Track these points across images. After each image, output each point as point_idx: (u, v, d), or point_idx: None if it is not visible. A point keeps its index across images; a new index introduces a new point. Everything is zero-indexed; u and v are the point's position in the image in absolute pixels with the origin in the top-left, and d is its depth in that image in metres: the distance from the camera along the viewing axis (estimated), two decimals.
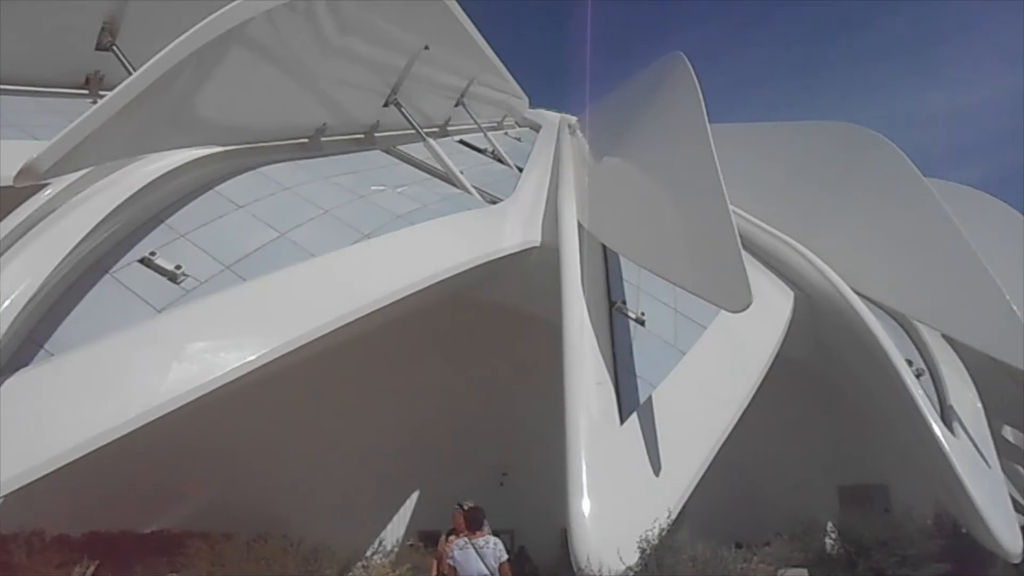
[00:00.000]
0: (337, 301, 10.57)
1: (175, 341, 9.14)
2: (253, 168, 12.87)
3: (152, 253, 10.07)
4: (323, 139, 15.40)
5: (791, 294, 18.31)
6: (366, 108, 16.64)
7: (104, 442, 7.80)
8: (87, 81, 14.22)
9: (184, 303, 9.64)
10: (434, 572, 7.87)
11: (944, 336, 19.34)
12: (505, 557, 6.77)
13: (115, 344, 8.80)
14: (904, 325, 19.28)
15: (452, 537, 7.68)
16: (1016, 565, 14.91)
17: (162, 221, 10.84)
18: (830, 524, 14.10)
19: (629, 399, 12.00)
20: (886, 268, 18.30)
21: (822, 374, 19.69)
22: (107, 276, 9.68)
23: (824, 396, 20.03)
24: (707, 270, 11.62)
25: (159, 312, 9.40)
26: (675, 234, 12.79)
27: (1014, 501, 19.95)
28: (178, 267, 9.96)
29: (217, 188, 11.98)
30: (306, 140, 15.20)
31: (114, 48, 13.42)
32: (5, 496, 7.70)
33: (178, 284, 9.86)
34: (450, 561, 6.81)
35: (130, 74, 9.81)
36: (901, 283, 18.08)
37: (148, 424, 8.21)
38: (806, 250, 19.14)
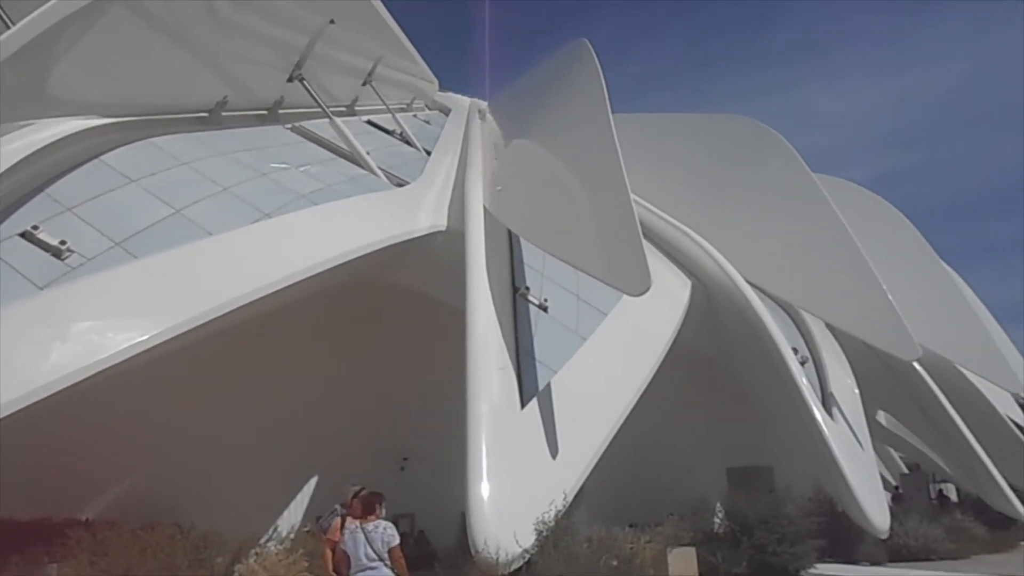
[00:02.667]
0: (233, 281, 10.26)
1: (58, 320, 8.66)
2: (147, 141, 12.30)
3: (35, 227, 9.51)
4: (224, 114, 14.83)
5: (688, 283, 18.97)
6: (269, 83, 16.13)
7: None
8: None
9: (69, 280, 9.16)
10: (328, 558, 7.81)
11: (827, 325, 20.50)
12: (396, 541, 6.73)
13: None
14: (791, 314, 20.32)
15: (348, 522, 7.63)
16: (884, 540, 16.06)
17: (47, 193, 10.25)
18: (718, 504, 14.73)
19: (530, 384, 12.18)
20: (775, 259, 19.23)
21: (715, 361, 20.52)
22: None
23: (717, 382, 20.90)
24: (608, 255, 11.89)
25: (41, 289, 8.91)
26: (577, 220, 13.02)
27: (884, 481, 21.42)
28: (63, 242, 9.45)
29: (108, 160, 11.41)
30: (206, 114, 14.62)
31: None
32: None
33: (62, 260, 9.36)
34: (342, 546, 6.77)
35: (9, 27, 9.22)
36: (789, 274, 19.05)
37: (28, 407, 7.78)
38: (703, 240, 19.85)
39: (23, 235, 9.41)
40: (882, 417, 26.38)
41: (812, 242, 18.78)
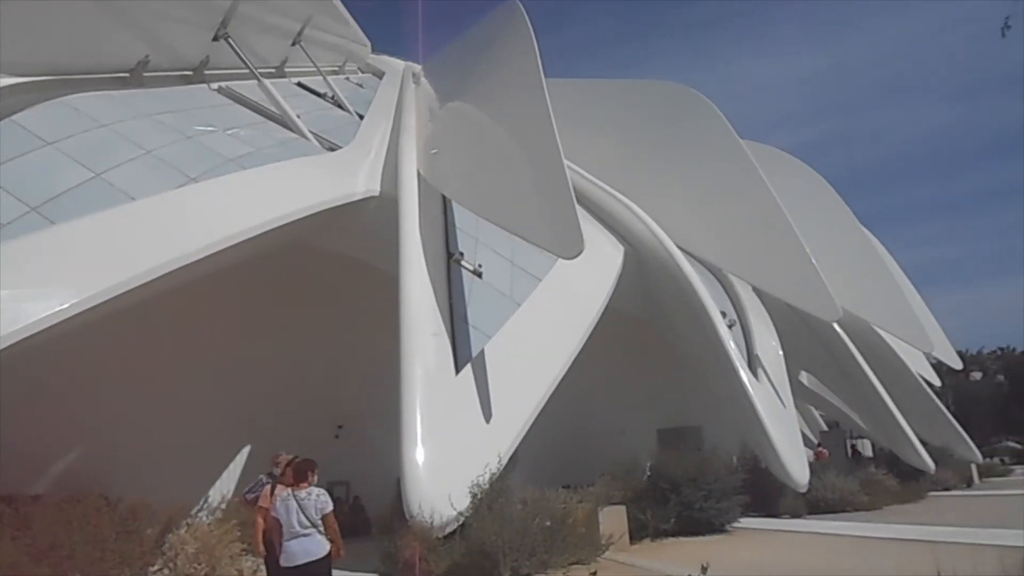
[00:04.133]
0: (159, 247, 9.96)
1: None
2: (63, 102, 11.75)
3: None
4: (146, 74, 14.25)
5: (621, 248, 19.24)
6: (193, 42, 15.53)
7: None
8: None
9: None
10: (259, 526, 7.77)
11: (754, 288, 21.15)
12: (329, 508, 6.74)
13: None
14: (720, 278, 20.87)
15: (278, 490, 7.59)
16: (804, 494, 16.84)
17: None
18: (648, 464, 15.17)
19: (465, 350, 12.26)
20: (704, 224, 19.68)
21: (647, 325, 20.96)
22: None
23: (648, 345, 21.41)
24: (541, 218, 11.96)
25: None
26: (511, 184, 13.04)
27: (805, 438, 22.36)
28: None
29: (21, 121, 10.86)
30: (126, 75, 14.02)
31: None
32: None
33: None
34: (274, 514, 6.74)
35: None
36: (717, 239, 19.53)
37: None
38: (635, 206, 20.12)
39: None
40: (804, 377, 27.47)
41: (739, 207, 19.26)
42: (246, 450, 16.48)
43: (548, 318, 14.31)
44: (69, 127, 11.24)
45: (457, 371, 11.85)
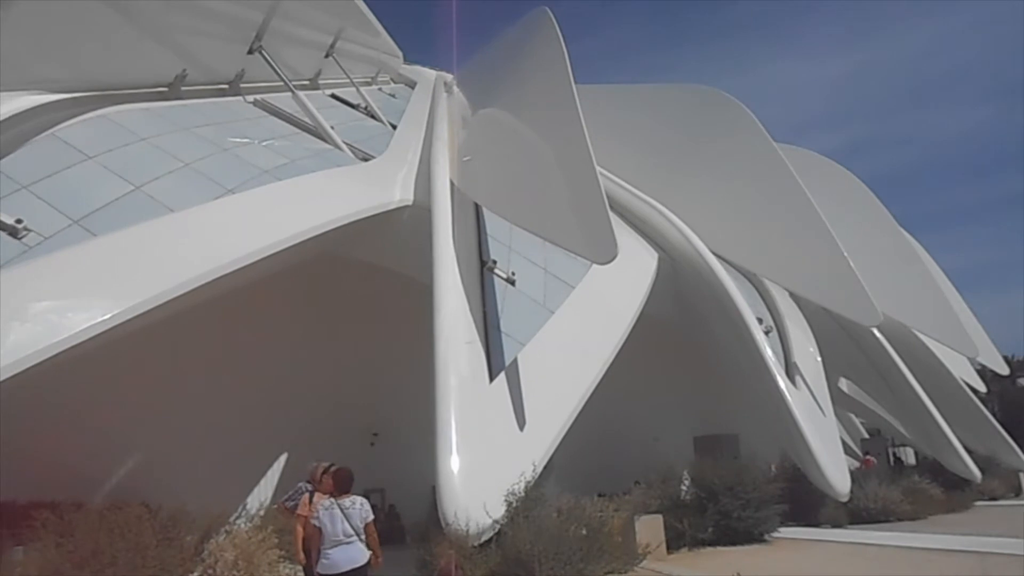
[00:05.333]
0: (197, 259, 10.12)
1: (16, 300, 8.47)
2: (104, 116, 12.02)
3: None
4: (184, 88, 14.53)
5: (655, 255, 19.11)
6: (229, 56, 15.79)
7: None
8: None
9: (26, 259, 8.97)
10: (299, 534, 7.83)
11: (790, 294, 20.85)
12: (371, 517, 6.82)
13: None
14: (756, 284, 20.61)
15: (316, 497, 7.64)
16: (845, 503, 16.51)
17: (0, 171, 9.98)
18: (685, 472, 14.99)
19: (498, 358, 12.25)
20: (739, 229, 19.44)
21: (682, 331, 20.78)
22: None
23: (683, 353, 21.20)
24: (574, 224, 11.95)
25: None
26: (543, 190, 13.04)
27: (845, 446, 21.95)
28: (19, 221, 9.21)
29: (64, 136, 11.13)
30: (165, 89, 14.30)
31: None
32: None
33: (19, 239, 9.14)
34: (315, 522, 6.78)
35: None
36: (752, 244, 19.27)
37: None
38: (669, 212, 19.99)
39: None
40: (843, 384, 26.99)
41: (775, 211, 18.99)
42: (283, 458, 16.63)
43: (582, 325, 14.25)
44: (109, 141, 11.48)
45: (491, 379, 11.83)
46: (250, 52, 15.86)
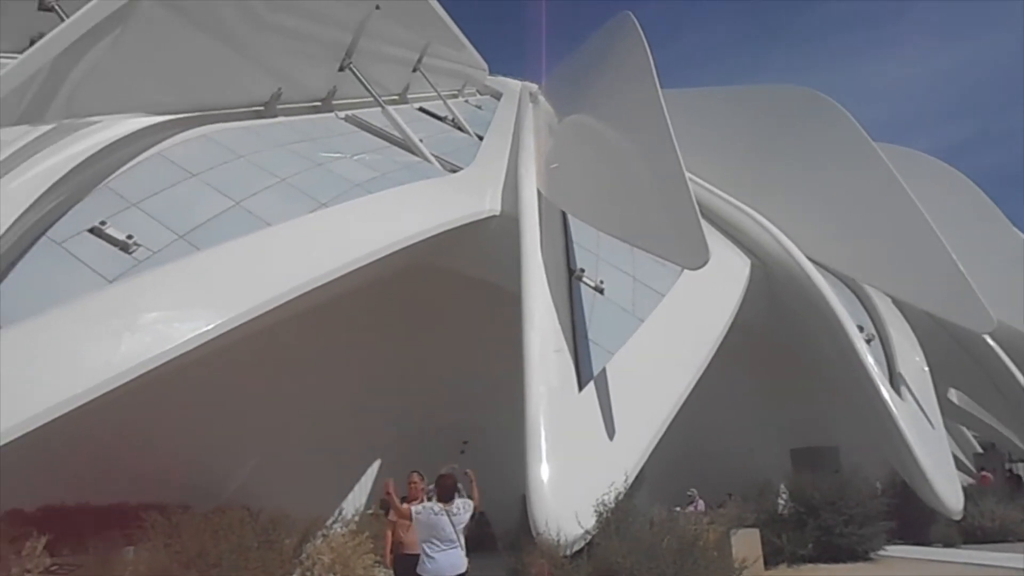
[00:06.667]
0: (294, 270, 10.46)
1: (127, 312, 8.95)
2: (206, 136, 12.60)
3: (102, 222, 9.82)
4: (279, 106, 15.10)
5: (747, 261, 18.59)
6: (320, 74, 16.34)
7: (55, 415, 7.66)
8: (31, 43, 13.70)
9: (136, 273, 9.45)
10: (389, 539, 7.94)
11: (894, 300, 19.87)
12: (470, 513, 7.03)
13: (65, 316, 8.60)
14: (856, 290, 19.75)
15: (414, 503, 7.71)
16: (958, 521, 15.57)
17: (111, 189, 10.59)
18: (782, 486, 14.48)
19: (587, 367, 12.14)
20: (837, 233, 18.65)
21: (777, 340, 20.10)
22: (55, 246, 9.44)
23: (778, 361, 20.47)
24: (664, 228, 11.77)
25: (110, 282, 9.21)
26: (631, 196, 12.90)
27: (957, 460, 20.74)
28: (129, 237, 9.75)
29: (169, 156, 11.72)
30: (261, 108, 14.89)
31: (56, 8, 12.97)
32: None
33: (130, 254, 9.65)
34: (420, 518, 6.90)
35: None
36: (851, 248, 18.46)
37: (102, 396, 8.08)
38: (761, 217, 19.42)
39: (92, 231, 9.73)
40: (954, 395, 25.53)
41: (876, 214, 18.10)
42: (376, 464, 16.96)
43: (673, 334, 13.98)
44: (211, 159, 12.03)
45: (580, 388, 11.74)
46: (341, 70, 16.39)
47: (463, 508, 6.92)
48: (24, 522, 9.00)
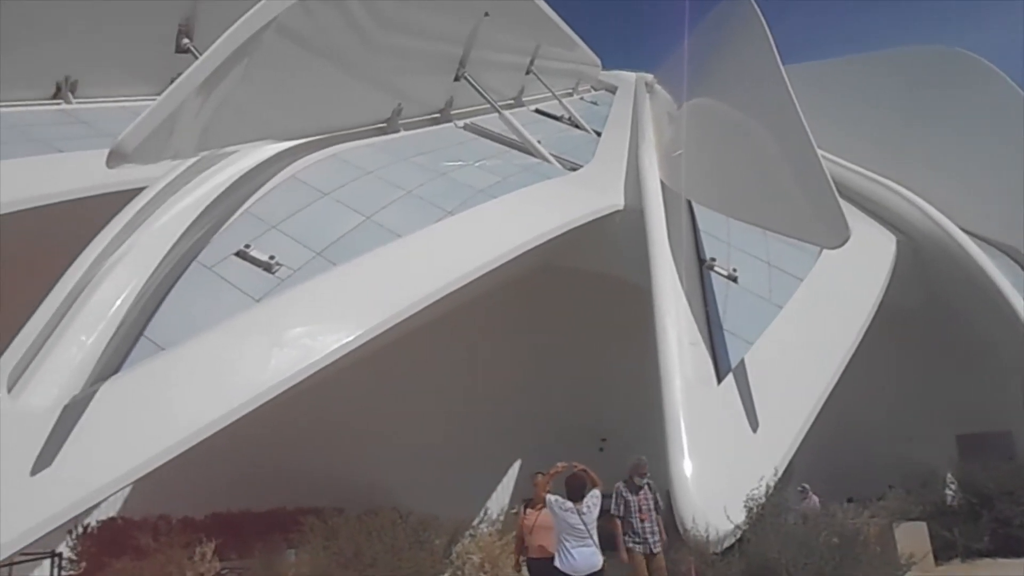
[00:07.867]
0: (427, 278, 10.72)
1: (275, 328, 9.47)
2: (334, 156, 13.14)
3: (247, 246, 10.44)
4: (400, 121, 15.58)
5: (892, 238, 17.46)
6: (438, 85, 16.74)
7: (217, 428, 8.20)
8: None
9: (280, 291, 9.97)
10: (520, 539, 8.03)
11: None
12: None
13: (219, 335, 9.18)
14: (1019, 260, 18.13)
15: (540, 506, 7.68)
16: None
17: (252, 213, 11.22)
18: (949, 475, 13.44)
19: (725, 358, 11.75)
20: (993, 200, 17.19)
21: (931, 319, 18.74)
22: (206, 270, 10.10)
23: (934, 343, 19.05)
24: (799, 208, 11.24)
25: (257, 302, 9.76)
26: (760, 179, 12.40)
27: None
28: (272, 257, 10.30)
29: (302, 178, 12.31)
30: (383, 124, 15.40)
31: (191, 49, 13.85)
32: (134, 484, 8.23)
33: (273, 274, 10.20)
34: (553, 522, 6.93)
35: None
36: (1010, 215, 16.96)
37: (258, 409, 8.57)
38: (905, 190, 18.18)
39: (238, 254, 10.36)
40: None
41: None
42: (517, 464, 17.11)
43: (815, 319, 13.29)
44: (340, 177, 12.52)
45: (719, 380, 11.38)
46: (456, 80, 16.71)
47: (593, 505, 6.89)
48: (194, 529, 9.63)
